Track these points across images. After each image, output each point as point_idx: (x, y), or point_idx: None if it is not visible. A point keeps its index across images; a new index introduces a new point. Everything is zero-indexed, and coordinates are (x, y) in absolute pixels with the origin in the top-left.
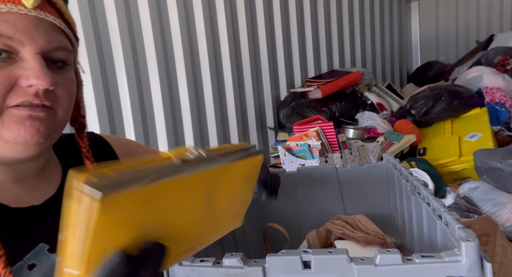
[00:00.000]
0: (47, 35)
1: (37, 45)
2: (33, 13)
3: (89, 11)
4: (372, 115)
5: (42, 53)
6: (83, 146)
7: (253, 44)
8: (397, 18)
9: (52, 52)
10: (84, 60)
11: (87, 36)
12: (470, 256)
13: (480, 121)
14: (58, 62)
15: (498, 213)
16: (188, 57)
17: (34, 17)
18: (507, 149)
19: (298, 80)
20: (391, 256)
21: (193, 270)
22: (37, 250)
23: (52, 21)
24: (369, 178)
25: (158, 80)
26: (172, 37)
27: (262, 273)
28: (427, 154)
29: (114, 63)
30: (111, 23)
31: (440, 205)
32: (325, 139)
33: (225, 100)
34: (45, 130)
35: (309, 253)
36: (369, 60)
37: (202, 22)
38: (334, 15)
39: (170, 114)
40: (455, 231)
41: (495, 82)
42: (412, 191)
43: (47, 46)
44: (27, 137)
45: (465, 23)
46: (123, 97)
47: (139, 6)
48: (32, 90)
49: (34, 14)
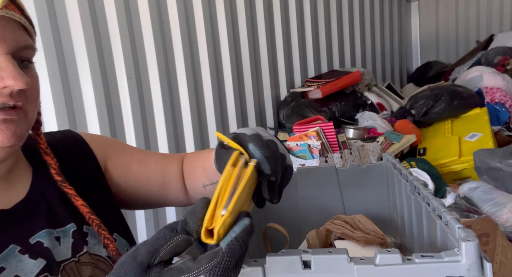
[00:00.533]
0: (14, 34)
1: (6, 45)
2: (0, 13)
3: (89, 11)
4: (372, 115)
5: (12, 53)
6: (40, 141)
7: (253, 44)
8: (397, 18)
9: (20, 51)
10: (84, 60)
11: (87, 36)
12: (470, 256)
13: (480, 121)
14: (25, 61)
15: (498, 213)
16: (188, 57)
17: (1, 16)
18: (507, 149)
19: (298, 80)
20: (391, 256)
21: None
22: (7, 252)
23: (18, 20)
24: (369, 178)
25: (158, 80)
26: (172, 37)
27: (262, 273)
28: (427, 154)
29: (114, 63)
30: (111, 23)
31: (440, 205)
32: (325, 139)
33: (225, 101)
34: (20, 131)
35: (309, 253)
36: (369, 60)
37: (202, 22)
38: (334, 15)
39: (170, 114)
40: (455, 231)
41: (495, 82)
42: (412, 191)
43: (16, 45)
44: (4, 140)
45: (465, 23)
46: (123, 97)
47: (139, 6)
48: (7, 91)
49: (1, 13)
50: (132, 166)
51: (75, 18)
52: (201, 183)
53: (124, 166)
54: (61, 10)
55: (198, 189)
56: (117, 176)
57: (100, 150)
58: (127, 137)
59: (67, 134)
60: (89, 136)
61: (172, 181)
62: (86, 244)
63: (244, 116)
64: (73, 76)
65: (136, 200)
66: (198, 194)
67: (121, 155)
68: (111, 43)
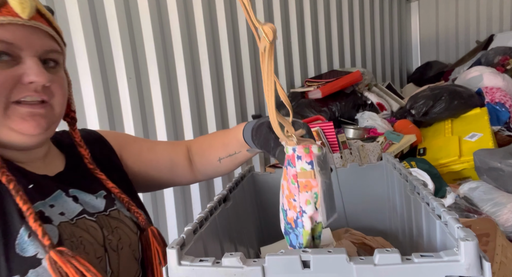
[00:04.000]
0: (41, 41)
1: (33, 49)
2: (29, 23)
3: (89, 11)
4: (372, 115)
5: (38, 55)
6: (76, 136)
7: (253, 44)
8: (397, 18)
9: (46, 54)
10: (84, 60)
11: (87, 36)
12: (469, 256)
13: (480, 121)
14: (51, 62)
15: (498, 213)
16: (188, 57)
17: (29, 26)
18: (507, 149)
19: (298, 80)
20: (390, 256)
21: (193, 270)
22: (56, 194)
23: (45, 30)
24: (368, 178)
25: (158, 80)
26: (172, 37)
27: (262, 273)
28: (427, 154)
29: (114, 63)
30: (111, 23)
31: (439, 205)
32: (325, 138)
33: (225, 100)
34: (45, 123)
35: (308, 253)
36: (369, 60)
37: (202, 22)
38: (334, 15)
39: (170, 114)
40: (454, 231)
41: (495, 82)
42: (412, 190)
43: (42, 49)
44: (30, 130)
45: (465, 23)
46: (123, 97)
47: (139, 6)
48: (32, 87)
49: (30, 24)
50: (143, 153)
51: (75, 18)
52: (217, 157)
53: (136, 154)
54: (61, 10)
55: (212, 163)
56: (131, 162)
57: (115, 141)
58: None
59: (87, 131)
60: (104, 132)
61: (179, 163)
62: (115, 205)
63: (244, 116)
64: (73, 76)
65: (150, 182)
66: (211, 168)
67: (132, 145)
68: (111, 43)
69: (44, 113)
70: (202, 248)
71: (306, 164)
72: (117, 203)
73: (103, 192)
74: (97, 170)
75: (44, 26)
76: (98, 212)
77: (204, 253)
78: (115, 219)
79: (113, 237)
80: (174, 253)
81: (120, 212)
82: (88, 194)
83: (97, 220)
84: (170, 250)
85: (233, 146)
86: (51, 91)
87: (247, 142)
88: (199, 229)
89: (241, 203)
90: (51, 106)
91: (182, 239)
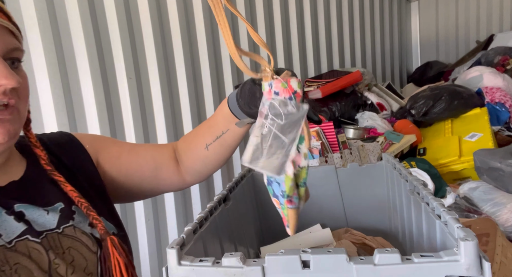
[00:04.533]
0: (3, 38)
1: None
2: None
3: (89, 11)
4: (372, 115)
5: (2, 55)
6: (31, 137)
7: (253, 44)
8: (397, 18)
9: (9, 53)
10: (84, 60)
11: (87, 36)
12: (469, 256)
13: (480, 121)
14: (14, 61)
15: (498, 213)
16: (188, 57)
17: None
18: (507, 149)
19: None
20: (390, 256)
21: (193, 270)
22: None
23: (6, 26)
24: (368, 177)
25: (158, 80)
26: (172, 37)
27: (261, 273)
28: (427, 154)
29: (114, 63)
30: (111, 23)
31: (439, 205)
32: (325, 138)
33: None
34: (13, 130)
35: (308, 253)
36: (369, 60)
37: (202, 22)
38: (334, 15)
39: (170, 115)
40: (454, 231)
41: (495, 82)
42: (411, 190)
43: (5, 48)
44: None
45: (465, 23)
46: (123, 97)
47: (139, 6)
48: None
49: None
50: (123, 155)
51: (75, 18)
52: (204, 144)
53: (115, 157)
54: (61, 10)
55: (200, 153)
56: (109, 167)
57: (91, 145)
58: (127, 138)
59: (59, 133)
60: (80, 135)
61: (164, 164)
62: (72, 220)
63: None
64: (73, 76)
65: (130, 189)
66: (200, 160)
67: (111, 147)
68: (111, 43)
69: (12, 119)
70: (202, 248)
71: None
72: (76, 217)
73: (60, 204)
74: (55, 172)
75: (5, 21)
76: (48, 230)
77: (204, 253)
78: (68, 238)
79: (61, 261)
80: (174, 253)
81: (76, 229)
82: (38, 209)
83: (43, 241)
84: (170, 250)
85: (219, 125)
86: (17, 93)
87: (234, 111)
88: (199, 229)
89: (241, 203)
90: (18, 110)
91: (182, 239)
